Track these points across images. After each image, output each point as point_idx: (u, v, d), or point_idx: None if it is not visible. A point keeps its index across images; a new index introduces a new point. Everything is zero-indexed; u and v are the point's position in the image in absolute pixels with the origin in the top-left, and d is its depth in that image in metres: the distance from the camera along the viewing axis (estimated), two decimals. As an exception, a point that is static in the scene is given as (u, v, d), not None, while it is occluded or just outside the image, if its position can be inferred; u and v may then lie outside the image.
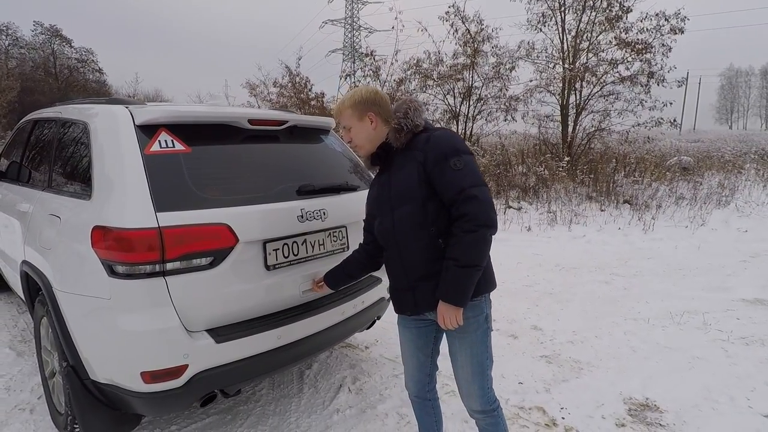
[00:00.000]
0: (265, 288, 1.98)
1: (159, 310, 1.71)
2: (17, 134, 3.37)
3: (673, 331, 3.36)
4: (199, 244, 1.77)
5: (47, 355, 2.26)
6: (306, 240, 2.14)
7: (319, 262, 2.19)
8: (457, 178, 1.47)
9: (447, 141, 1.54)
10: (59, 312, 1.88)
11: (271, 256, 1.99)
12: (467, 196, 1.45)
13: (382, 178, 1.69)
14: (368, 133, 1.68)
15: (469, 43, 10.10)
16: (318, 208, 2.17)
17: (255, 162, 2.22)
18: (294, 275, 2.09)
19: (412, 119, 1.60)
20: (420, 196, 1.53)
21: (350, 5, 34.15)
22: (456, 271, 1.46)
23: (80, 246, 1.78)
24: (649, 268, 4.89)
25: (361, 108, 1.66)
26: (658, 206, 7.47)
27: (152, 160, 1.81)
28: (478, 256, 1.46)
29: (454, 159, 1.49)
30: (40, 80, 29.53)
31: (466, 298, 1.49)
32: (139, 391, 1.72)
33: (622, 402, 2.48)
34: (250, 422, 2.30)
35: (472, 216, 1.43)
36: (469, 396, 1.66)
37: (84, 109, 2.25)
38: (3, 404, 2.41)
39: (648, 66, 9.36)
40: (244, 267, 1.90)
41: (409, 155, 1.58)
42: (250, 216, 1.93)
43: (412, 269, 1.60)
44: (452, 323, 1.51)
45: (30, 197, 2.45)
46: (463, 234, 1.44)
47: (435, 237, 1.53)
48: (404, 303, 1.68)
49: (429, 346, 1.78)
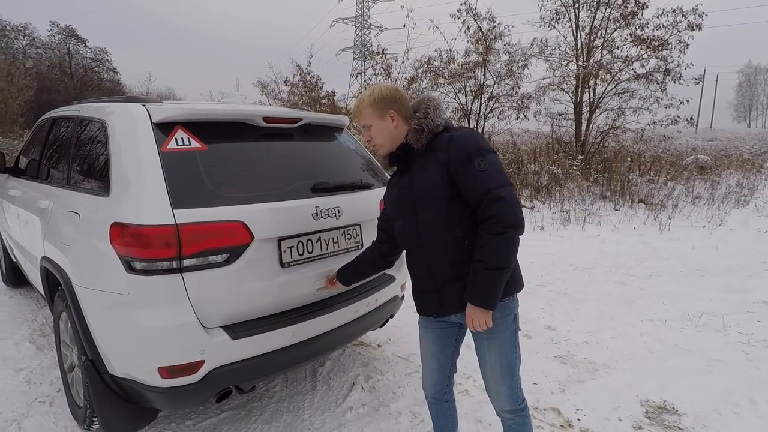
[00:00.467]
0: (279, 285, 1.98)
1: (176, 306, 1.73)
2: (36, 132, 3.43)
3: (691, 333, 3.30)
4: (215, 241, 1.78)
5: (66, 349, 2.30)
6: (320, 238, 2.14)
7: (334, 260, 2.19)
8: (483, 179, 1.45)
9: (470, 141, 1.51)
10: (78, 307, 1.91)
11: (285, 254, 1.99)
12: (493, 197, 1.42)
13: (403, 180, 1.65)
14: (389, 131, 1.65)
15: (481, 40, 10.03)
16: (332, 206, 2.17)
17: (270, 160, 2.23)
18: (308, 273, 2.09)
19: (432, 119, 1.57)
20: (444, 198, 1.51)
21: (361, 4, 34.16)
22: (485, 274, 1.43)
23: (99, 242, 1.80)
24: (665, 269, 4.81)
25: (382, 106, 1.63)
26: (675, 206, 7.34)
27: (169, 158, 1.83)
28: (507, 258, 1.44)
29: (479, 159, 1.46)
30: (56, 79, 30.06)
31: (495, 300, 1.47)
32: (157, 385, 1.74)
33: (638, 404, 2.44)
34: (264, 418, 2.31)
35: (500, 217, 1.41)
36: (498, 396, 1.64)
37: (101, 107, 2.28)
38: (24, 396, 2.46)
39: (664, 63, 9.19)
40: (258, 264, 1.91)
41: (431, 156, 1.54)
42: (266, 213, 1.94)
43: (439, 271, 1.58)
44: (482, 326, 1.49)
45: (49, 194, 2.49)
46: (490, 236, 1.42)
47: (461, 238, 1.51)
48: (430, 305, 1.66)
49: (450, 348, 1.76)
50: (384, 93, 1.64)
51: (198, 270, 1.75)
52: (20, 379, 2.64)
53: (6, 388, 2.54)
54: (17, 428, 2.20)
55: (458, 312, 1.58)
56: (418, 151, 1.60)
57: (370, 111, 1.64)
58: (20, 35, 29.38)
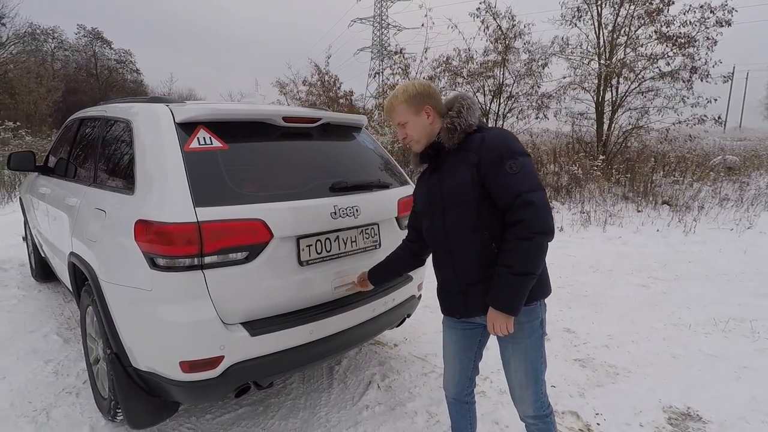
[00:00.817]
0: (297, 284, 2.00)
1: (197, 303, 1.77)
2: (64, 132, 3.54)
3: (717, 339, 3.21)
4: (235, 239, 1.81)
5: (92, 342, 2.37)
6: (339, 237, 2.15)
7: (351, 259, 2.21)
8: (514, 182, 1.42)
9: (503, 142, 1.48)
10: (104, 301, 1.97)
11: (304, 252, 2.02)
12: (523, 202, 1.39)
13: (433, 178, 1.63)
14: (425, 127, 1.62)
15: (501, 39, 9.92)
16: (351, 205, 2.18)
17: (289, 159, 2.25)
18: (326, 271, 2.11)
19: (465, 118, 1.54)
20: (473, 199, 1.49)
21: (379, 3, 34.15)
22: (509, 279, 1.41)
23: (124, 239, 1.85)
24: (690, 272, 4.68)
25: (417, 102, 1.60)
26: (700, 207, 7.14)
27: (191, 157, 1.87)
28: (534, 264, 1.41)
29: (511, 161, 1.43)
30: (82, 81, 30.99)
31: (518, 306, 1.44)
32: (178, 379, 1.78)
33: (661, 410, 2.38)
34: (281, 414, 2.34)
35: (528, 222, 1.38)
36: (522, 401, 1.62)
37: (127, 107, 2.34)
38: (52, 387, 2.55)
39: (691, 61, 8.93)
40: (277, 262, 1.93)
41: (463, 156, 1.52)
42: (285, 212, 1.96)
43: (464, 273, 1.57)
44: (502, 331, 1.47)
45: (77, 192, 2.57)
46: (517, 241, 1.40)
47: (488, 241, 1.49)
48: (454, 306, 1.65)
49: (473, 350, 1.74)
50: (418, 88, 1.62)
51: (219, 267, 1.78)
52: (49, 370, 2.73)
53: (35, 378, 2.63)
54: (46, 417, 2.28)
55: (483, 314, 1.56)
56: (449, 150, 1.57)
57: (405, 107, 1.62)
58: (49, 38, 30.37)
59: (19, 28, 25.78)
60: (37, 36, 28.42)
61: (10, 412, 2.32)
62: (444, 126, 1.57)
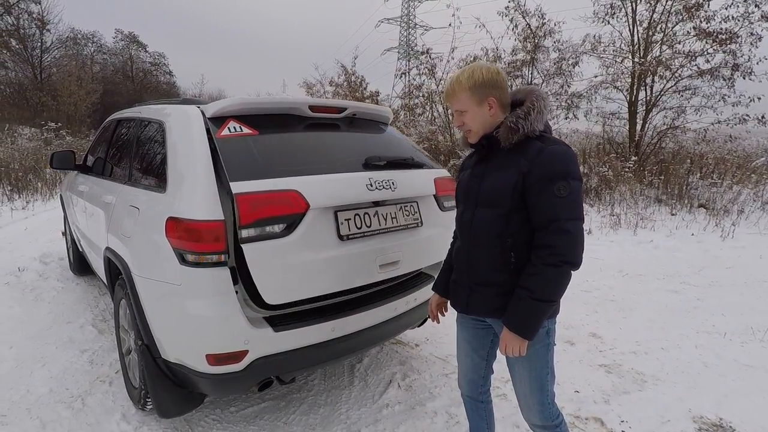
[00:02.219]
0: (339, 259, 1.97)
1: (223, 298, 1.82)
2: (102, 132, 3.70)
3: (754, 348, 3.06)
4: (271, 210, 1.81)
5: (124, 334, 2.47)
6: (378, 212, 2.14)
7: (394, 237, 2.19)
8: (556, 206, 1.36)
9: (560, 160, 1.38)
10: (136, 295, 2.05)
11: (343, 226, 2.00)
12: (559, 228, 1.35)
13: (477, 169, 1.58)
14: (485, 119, 1.51)
15: (530, 38, 9.74)
16: (386, 178, 2.18)
17: (320, 142, 2.31)
18: (369, 248, 2.07)
19: (532, 122, 1.44)
20: (508, 205, 1.44)
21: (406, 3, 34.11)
22: (529, 304, 1.38)
23: (156, 235, 1.92)
24: (727, 279, 4.48)
25: (482, 92, 1.49)
26: (740, 211, 6.82)
27: (223, 142, 1.95)
28: (556, 293, 1.38)
29: (561, 183, 1.36)
30: (119, 83, 32.21)
31: (535, 331, 1.41)
32: (204, 372, 1.85)
33: (691, 420, 2.30)
34: (302, 410, 2.38)
35: (560, 251, 1.34)
36: (527, 409, 1.60)
37: (160, 109, 2.44)
38: (87, 375, 2.68)
39: (732, 58, 8.51)
40: (317, 235, 1.91)
41: (514, 159, 1.44)
42: (319, 183, 1.97)
43: (474, 271, 1.55)
44: (515, 353, 1.43)
45: (113, 190, 2.69)
46: (544, 266, 1.35)
47: (508, 249, 1.45)
48: (458, 299, 1.66)
49: (485, 349, 1.73)
50: (486, 77, 1.48)
51: (257, 241, 1.77)
52: (84, 359, 2.87)
53: (72, 366, 2.77)
54: (82, 403, 2.40)
55: (483, 316, 1.57)
56: (502, 147, 1.49)
57: (468, 96, 1.50)
58: (89, 42, 31.76)
59: (62, 33, 27.15)
60: (78, 41, 29.78)
61: (49, 397, 2.46)
62: (506, 123, 1.46)
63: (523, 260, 1.44)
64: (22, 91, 23.98)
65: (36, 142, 15.06)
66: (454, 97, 1.54)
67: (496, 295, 1.50)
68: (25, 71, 25.18)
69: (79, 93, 21.44)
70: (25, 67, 25.16)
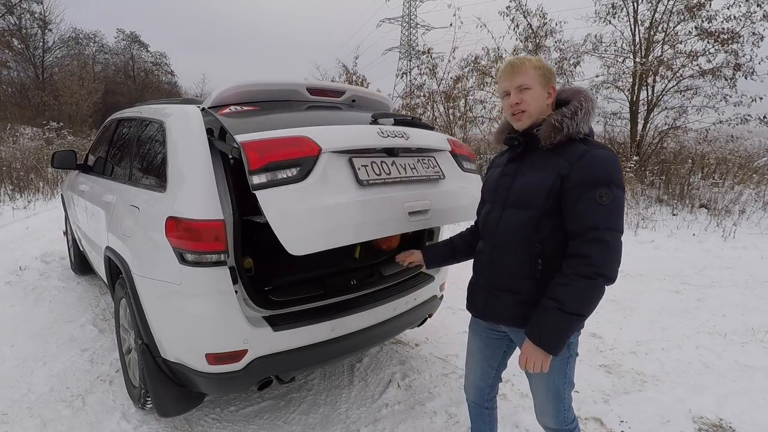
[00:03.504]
0: (364, 204, 1.82)
1: (223, 298, 1.83)
2: (103, 132, 3.71)
3: (754, 349, 3.06)
4: (280, 153, 1.67)
5: (125, 333, 2.48)
6: (395, 162, 2.02)
7: (418, 186, 2.07)
8: (596, 213, 1.28)
9: (605, 166, 1.31)
10: (136, 294, 2.06)
11: (361, 171, 1.86)
12: (597, 238, 1.27)
13: (509, 167, 1.50)
14: (542, 105, 1.43)
15: (531, 38, 9.75)
16: (397, 129, 2.11)
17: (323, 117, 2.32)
18: (394, 193, 1.94)
19: (578, 123, 1.36)
20: (541, 208, 1.36)
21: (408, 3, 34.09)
22: (558, 316, 1.29)
23: (156, 234, 1.93)
24: (728, 279, 4.47)
25: (549, 76, 1.44)
26: (742, 212, 6.80)
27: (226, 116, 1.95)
28: (586, 307, 1.29)
29: (604, 190, 1.28)
30: (120, 83, 32.24)
31: (561, 346, 1.33)
32: (204, 371, 1.85)
33: (691, 420, 2.30)
34: (302, 409, 2.39)
35: (596, 262, 1.26)
36: (543, 414, 1.56)
37: (160, 108, 2.44)
38: (88, 374, 2.68)
39: (734, 58, 8.49)
40: (334, 180, 1.78)
41: (553, 160, 1.37)
42: (329, 131, 1.90)
43: (497, 275, 1.48)
44: (536, 369, 1.35)
45: (113, 189, 2.69)
46: (577, 277, 1.27)
47: (536, 255, 1.38)
48: (475, 302, 1.59)
49: (496, 359, 1.68)
50: (550, 67, 1.47)
51: (271, 187, 1.61)
52: (85, 358, 2.88)
53: (73, 365, 2.78)
54: (82, 402, 2.41)
55: (500, 323, 1.51)
56: (540, 146, 1.41)
57: (538, 74, 1.42)
58: (91, 42, 31.78)
59: (64, 33, 27.14)
60: (80, 40, 29.78)
61: (50, 396, 2.46)
62: (551, 121, 1.38)
63: (550, 269, 1.36)
64: (24, 90, 24.01)
65: (38, 142, 15.08)
66: (522, 71, 1.42)
67: (517, 303, 1.43)
68: (27, 71, 25.21)
69: (80, 93, 21.44)
70: (27, 66, 25.19)
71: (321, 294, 2.15)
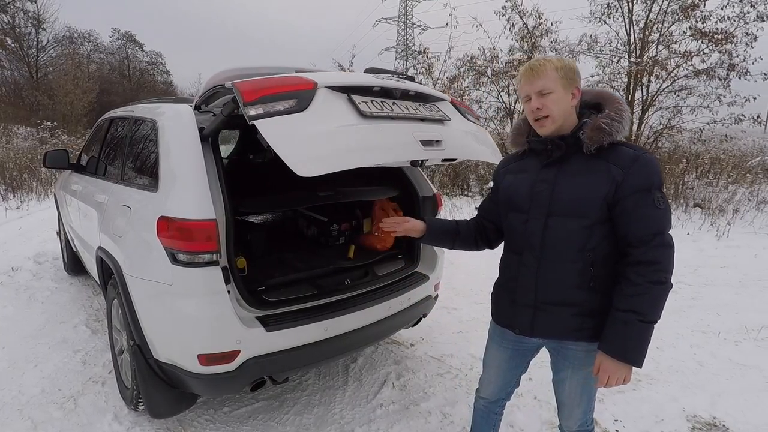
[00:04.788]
0: (369, 128, 1.71)
1: (216, 298, 1.81)
2: (95, 131, 3.68)
3: (748, 348, 3.07)
4: (274, 89, 1.58)
5: (117, 334, 2.45)
6: (395, 103, 1.89)
7: (425, 124, 1.92)
8: (657, 218, 1.27)
9: (656, 170, 1.30)
10: (128, 294, 2.04)
11: (362, 105, 1.74)
12: (663, 242, 1.26)
13: (545, 173, 1.41)
14: (567, 107, 1.37)
15: (527, 38, 9.77)
16: (393, 78, 2.04)
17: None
18: (402, 125, 1.82)
19: (622, 126, 1.33)
20: (594, 216, 1.32)
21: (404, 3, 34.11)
22: (639, 327, 1.26)
23: (147, 234, 1.91)
24: (722, 278, 4.49)
25: (571, 77, 1.36)
26: (735, 211, 6.85)
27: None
28: (661, 312, 1.28)
29: (658, 194, 1.28)
30: (115, 82, 32.04)
31: (645, 356, 1.30)
32: (196, 372, 1.84)
33: (685, 419, 2.30)
34: (296, 410, 2.37)
35: (665, 267, 1.26)
36: (569, 417, 1.54)
37: (153, 107, 2.42)
38: (80, 376, 2.66)
39: (728, 58, 8.54)
40: (336, 111, 1.67)
41: (602, 166, 1.32)
42: (324, 74, 1.82)
43: (547, 288, 1.40)
44: (618, 383, 1.31)
45: (105, 189, 2.67)
46: (650, 285, 1.25)
47: (589, 263, 1.33)
48: (517, 319, 1.48)
49: (521, 368, 1.64)
50: (573, 65, 1.38)
51: (269, 117, 1.51)
52: (77, 359, 2.85)
53: (65, 367, 2.75)
54: (74, 404, 2.38)
55: (556, 339, 1.45)
56: (580, 151, 1.36)
57: (559, 76, 1.34)
58: (86, 41, 31.58)
59: (58, 32, 27.00)
60: (74, 40, 29.60)
61: (41, 398, 2.44)
62: (597, 124, 1.33)
63: (601, 276, 1.34)
64: (18, 90, 23.86)
65: (32, 142, 14.98)
66: (542, 74, 1.35)
67: (573, 316, 1.37)
68: (21, 70, 25.05)
69: (75, 92, 21.31)
70: (21, 66, 25.03)
71: (315, 294, 2.14)
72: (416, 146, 1.75)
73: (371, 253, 2.66)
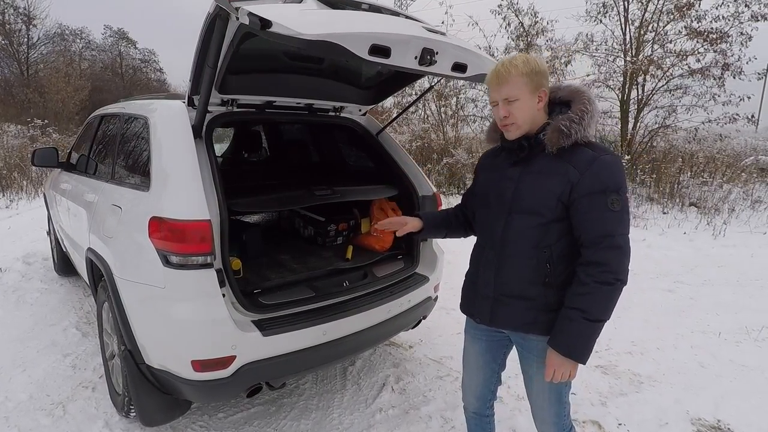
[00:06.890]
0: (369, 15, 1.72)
1: (210, 301, 1.75)
2: (86, 129, 3.59)
3: (749, 348, 3.05)
4: None
5: (108, 338, 2.38)
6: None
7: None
8: (609, 220, 1.28)
9: (613, 172, 1.30)
10: (118, 298, 1.97)
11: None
12: (613, 244, 1.28)
13: (511, 172, 1.44)
14: (533, 112, 1.38)
15: (522, 36, 9.75)
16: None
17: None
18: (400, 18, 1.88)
19: (585, 128, 1.33)
20: (550, 215, 1.35)
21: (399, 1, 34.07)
22: (584, 325, 1.29)
23: (138, 235, 1.84)
24: (719, 277, 4.48)
25: (538, 80, 1.35)
26: (731, 210, 6.87)
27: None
28: (609, 312, 1.30)
29: (614, 196, 1.28)
30: (108, 80, 31.67)
31: (589, 353, 1.33)
32: (190, 378, 1.77)
33: (689, 422, 2.27)
34: (293, 415, 2.31)
35: (614, 268, 1.28)
36: (542, 422, 1.54)
37: (145, 104, 2.35)
38: (69, 381, 2.58)
39: (723, 57, 8.56)
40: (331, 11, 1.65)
41: (560, 167, 1.33)
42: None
43: (505, 283, 1.44)
44: (564, 378, 1.35)
45: (95, 188, 2.59)
46: (597, 284, 1.28)
47: (544, 260, 1.37)
48: (478, 310, 1.53)
49: (498, 360, 1.63)
50: (540, 66, 1.36)
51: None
52: (67, 363, 2.77)
53: (54, 371, 2.67)
54: (62, 411, 2.31)
55: (511, 330, 1.49)
56: (544, 151, 1.37)
57: (525, 82, 1.34)
58: (77, 39, 31.21)
59: (49, 29, 26.66)
60: (65, 36, 29.26)
61: (28, 404, 2.36)
62: (557, 126, 1.33)
63: (557, 272, 1.37)
64: (8, 87, 23.54)
65: (22, 140, 14.73)
66: (507, 82, 1.34)
67: (528, 309, 1.41)
68: (11, 67, 24.72)
69: (66, 90, 21.02)
70: (11, 63, 24.69)
71: (312, 296, 2.09)
72: (421, 30, 1.68)
73: (370, 253, 2.61)
